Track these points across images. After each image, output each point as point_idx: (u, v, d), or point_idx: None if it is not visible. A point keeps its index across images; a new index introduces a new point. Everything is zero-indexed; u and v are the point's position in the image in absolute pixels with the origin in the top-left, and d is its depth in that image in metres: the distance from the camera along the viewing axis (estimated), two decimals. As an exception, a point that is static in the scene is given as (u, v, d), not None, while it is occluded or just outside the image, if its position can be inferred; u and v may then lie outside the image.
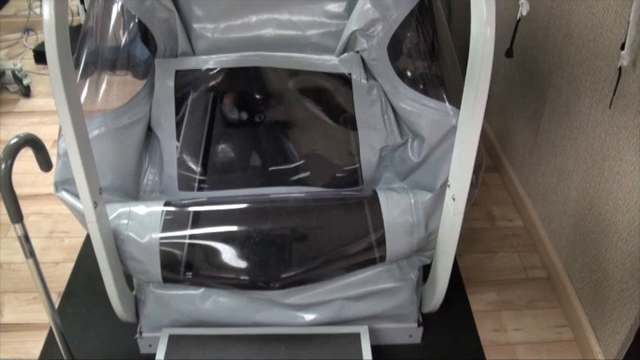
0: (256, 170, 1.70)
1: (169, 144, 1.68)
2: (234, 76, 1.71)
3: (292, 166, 1.69)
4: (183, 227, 1.49)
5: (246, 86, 1.71)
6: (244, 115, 1.69)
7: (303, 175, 1.68)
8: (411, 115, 1.61)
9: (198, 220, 1.51)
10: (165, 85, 1.68)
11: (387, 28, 1.61)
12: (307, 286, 1.55)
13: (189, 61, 1.73)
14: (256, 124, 1.70)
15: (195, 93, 1.69)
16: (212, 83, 1.71)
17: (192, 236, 1.49)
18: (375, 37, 1.63)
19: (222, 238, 1.50)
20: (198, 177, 1.67)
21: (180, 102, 1.68)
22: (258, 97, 1.70)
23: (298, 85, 1.72)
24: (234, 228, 1.52)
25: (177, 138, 1.67)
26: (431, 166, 1.59)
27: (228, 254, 1.51)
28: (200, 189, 1.67)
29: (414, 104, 1.60)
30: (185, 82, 1.70)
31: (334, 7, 1.75)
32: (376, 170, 1.72)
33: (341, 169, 1.69)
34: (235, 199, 1.59)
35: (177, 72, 1.70)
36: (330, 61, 1.69)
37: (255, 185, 1.68)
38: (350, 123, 1.70)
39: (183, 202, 1.55)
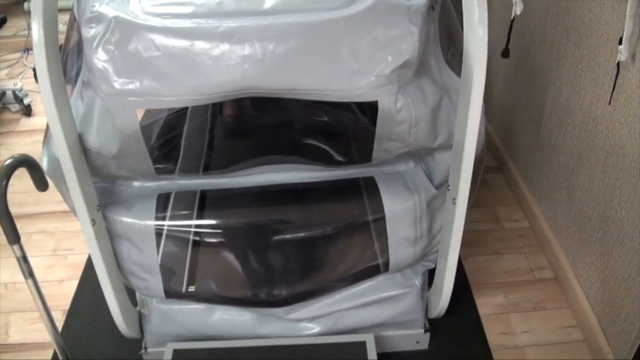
0: (254, 149, 1.57)
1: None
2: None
3: (291, 144, 1.59)
4: (184, 243, 1.48)
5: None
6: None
7: (307, 155, 1.57)
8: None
9: (199, 236, 1.49)
10: None
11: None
12: (310, 301, 1.54)
13: None
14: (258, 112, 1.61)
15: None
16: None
17: (193, 253, 1.48)
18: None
19: (223, 255, 1.49)
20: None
21: None
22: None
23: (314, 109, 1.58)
24: (235, 245, 1.50)
25: None
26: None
27: (230, 271, 1.50)
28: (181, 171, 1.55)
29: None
30: None
31: None
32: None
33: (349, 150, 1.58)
34: (236, 212, 1.57)
35: None
36: (355, 91, 1.25)
37: (251, 166, 1.54)
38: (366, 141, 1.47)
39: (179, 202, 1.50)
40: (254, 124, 1.61)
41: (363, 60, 1.20)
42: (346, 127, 1.57)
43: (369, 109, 1.35)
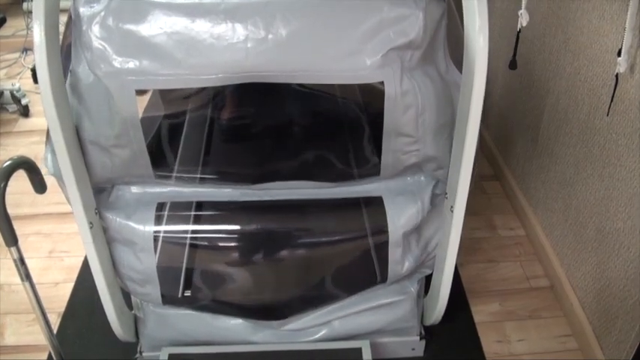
0: (253, 163, 1.52)
1: None
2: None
3: (296, 161, 1.54)
4: (182, 251, 1.47)
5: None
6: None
7: (308, 170, 1.52)
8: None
9: (197, 245, 1.48)
10: None
11: None
12: (305, 312, 1.55)
13: None
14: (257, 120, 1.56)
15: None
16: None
17: (190, 260, 1.47)
18: None
19: (221, 265, 1.48)
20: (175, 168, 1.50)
21: None
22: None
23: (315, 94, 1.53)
24: (234, 256, 1.50)
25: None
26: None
27: (228, 282, 1.49)
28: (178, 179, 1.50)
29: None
30: None
31: None
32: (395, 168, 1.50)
33: (356, 164, 1.53)
34: (236, 222, 1.52)
35: None
36: (360, 71, 1.22)
37: (250, 182, 1.48)
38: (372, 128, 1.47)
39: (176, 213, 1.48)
40: (255, 137, 1.58)
41: (368, 39, 1.17)
42: (352, 137, 1.54)
43: (375, 106, 1.32)
